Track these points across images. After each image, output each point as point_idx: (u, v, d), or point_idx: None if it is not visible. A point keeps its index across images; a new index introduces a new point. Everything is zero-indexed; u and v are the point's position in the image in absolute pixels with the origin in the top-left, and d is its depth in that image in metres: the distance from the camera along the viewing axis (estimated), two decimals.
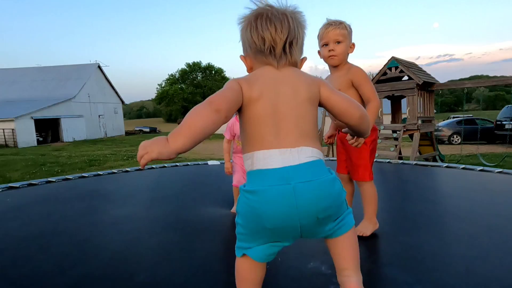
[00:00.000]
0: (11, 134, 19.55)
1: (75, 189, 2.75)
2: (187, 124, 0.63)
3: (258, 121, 0.74)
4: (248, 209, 0.71)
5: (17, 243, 1.53)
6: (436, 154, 8.12)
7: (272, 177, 0.69)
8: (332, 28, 1.33)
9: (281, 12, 0.78)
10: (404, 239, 1.46)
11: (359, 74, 1.33)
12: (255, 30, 0.76)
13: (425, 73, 7.97)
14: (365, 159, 1.42)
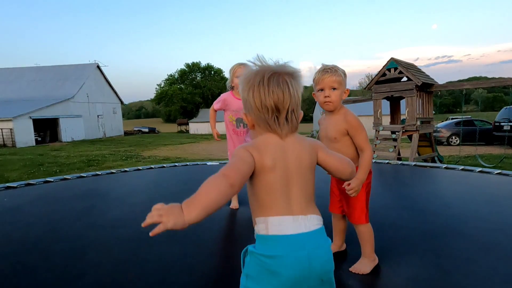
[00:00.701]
0: (9, 134, 19.47)
1: (73, 189, 2.73)
2: (203, 196, 0.65)
3: (271, 188, 0.78)
4: (265, 272, 0.75)
5: (15, 244, 1.52)
6: (435, 155, 8.13)
7: (289, 243, 0.75)
8: (328, 76, 1.38)
9: (282, 77, 0.79)
10: (404, 269, 1.42)
11: (354, 124, 1.40)
12: (258, 96, 0.78)
13: (424, 74, 7.99)
14: (362, 202, 1.45)
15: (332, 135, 1.42)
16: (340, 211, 1.54)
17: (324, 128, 1.47)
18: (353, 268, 1.43)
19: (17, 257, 1.41)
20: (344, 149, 1.41)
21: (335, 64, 1.43)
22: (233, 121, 2.01)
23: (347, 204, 1.47)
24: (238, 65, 1.99)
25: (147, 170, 3.64)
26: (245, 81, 0.81)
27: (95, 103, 26.96)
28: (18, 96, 24.44)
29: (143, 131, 35.65)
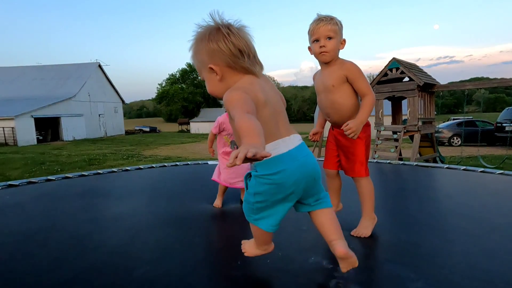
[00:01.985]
0: (11, 133, 19.54)
1: (75, 187, 2.73)
2: (252, 129, 0.72)
3: (265, 121, 0.88)
4: (272, 186, 0.93)
5: (15, 239, 1.52)
6: (436, 156, 8.12)
7: (286, 159, 0.92)
8: (323, 24, 1.31)
9: (240, 28, 0.91)
10: (405, 237, 1.45)
11: (353, 69, 1.33)
12: (231, 42, 0.87)
13: (426, 74, 7.97)
14: (361, 154, 1.41)
15: (329, 83, 1.35)
16: (335, 167, 1.50)
17: (320, 80, 1.40)
18: (355, 232, 1.41)
19: (17, 246, 1.44)
20: (343, 98, 1.35)
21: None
22: (228, 142, 2.08)
23: (346, 157, 1.44)
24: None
25: (148, 169, 3.64)
26: (210, 34, 0.88)
27: (96, 102, 27.02)
28: (20, 94, 24.51)
29: (144, 130, 35.71)
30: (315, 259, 1.22)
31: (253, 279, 1.14)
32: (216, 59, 0.88)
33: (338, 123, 1.41)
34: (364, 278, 1.11)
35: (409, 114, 7.26)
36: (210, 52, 0.88)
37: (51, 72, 27.29)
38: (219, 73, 0.90)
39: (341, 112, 1.38)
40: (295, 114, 68.62)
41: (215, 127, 2.06)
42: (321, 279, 1.10)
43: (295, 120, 65.79)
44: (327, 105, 1.41)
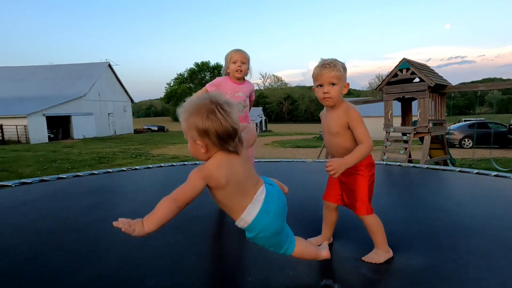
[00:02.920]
0: (23, 131, 19.99)
1: (85, 186, 2.78)
2: (157, 214, 0.89)
3: (230, 197, 1.01)
4: (263, 237, 1.07)
5: (30, 239, 1.55)
6: (447, 158, 7.97)
7: (261, 217, 1.03)
8: (326, 71, 1.36)
9: (227, 104, 0.95)
10: (416, 260, 1.39)
11: (354, 118, 1.38)
12: (222, 125, 0.92)
13: (437, 75, 7.83)
14: (363, 192, 1.41)
15: (334, 130, 1.41)
16: (335, 201, 1.51)
17: (326, 123, 1.47)
18: (367, 257, 1.40)
19: (31, 247, 1.46)
20: (347, 142, 1.40)
21: (336, 59, 1.39)
22: None
23: (349, 195, 1.45)
24: (235, 51, 2.01)
25: (157, 168, 3.68)
26: (206, 112, 0.92)
27: (106, 101, 27.42)
28: (32, 93, 25.05)
29: (152, 129, 36.07)
30: (326, 282, 1.20)
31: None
32: (205, 138, 0.94)
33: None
34: None
35: (419, 115, 7.15)
36: (201, 131, 0.93)
37: (62, 71, 27.81)
38: (204, 148, 0.96)
39: (344, 154, 1.40)
40: (302, 114, 68.36)
41: (211, 84, 2.01)
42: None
43: (302, 120, 65.54)
44: (331, 147, 1.47)
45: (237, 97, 2.00)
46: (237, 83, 2.03)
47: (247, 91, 2.07)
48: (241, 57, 1.99)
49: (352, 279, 1.27)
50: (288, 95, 70.30)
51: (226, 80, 2.02)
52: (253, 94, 2.19)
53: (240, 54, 2.00)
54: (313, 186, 2.87)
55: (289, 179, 3.21)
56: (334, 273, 1.29)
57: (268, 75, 77.56)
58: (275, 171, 3.49)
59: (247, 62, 2.02)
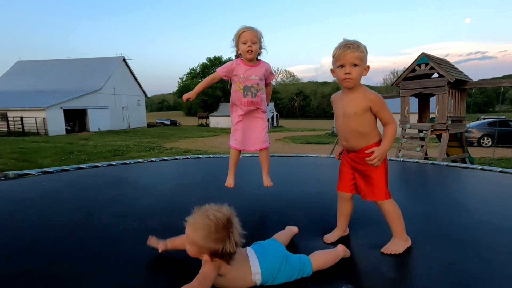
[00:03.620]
0: (42, 123, 20.64)
1: (104, 176, 2.84)
2: None
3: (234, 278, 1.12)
4: (273, 263, 1.18)
5: (55, 234, 1.57)
6: (465, 156, 7.73)
7: (262, 266, 1.15)
8: (350, 51, 1.31)
9: (231, 221, 1.07)
10: (440, 256, 1.35)
11: (378, 102, 1.36)
12: (231, 245, 1.05)
13: (457, 70, 7.57)
14: (380, 176, 1.39)
15: (351, 111, 1.37)
16: (350, 190, 1.48)
17: (342, 106, 1.41)
18: (386, 248, 1.36)
19: (55, 243, 1.48)
20: (362, 126, 1.37)
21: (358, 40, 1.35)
22: (240, 90, 1.85)
23: (364, 181, 1.42)
24: (244, 30, 1.80)
25: (172, 160, 3.73)
26: (208, 234, 1.00)
27: (120, 95, 27.93)
28: (50, 87, 25.77)
29: (165, 123, 36.55)
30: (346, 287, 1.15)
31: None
32: (215, 257, 1.02)
33: (354, 148, 1.43)
34: None
35: (437, 112, 6.94)
36: (214, 251, 1.00)
37: (79, 65, 28.45)
38: (208, 260, 1.03)
39: (359, 138, 1.39)
40: (314, 110, 67.66)
41: (222, 67, 1.86)
42: None
43: (314, 116, 64.89)
44: (345, 130, 1.42)
45: (249, 80, 1.84)
46: (249, 65, 1.85)
47: (261, 73, 1.87)
48: (251, 35, 1.78)
49: (372, 279, 1.22)
50: (300, 91, 69.64)
51: (238, 63, 1.86)
52: (271, 76, 1.96)
53: (250, 32, 1.79)
54: (328, 181, 2.83)
55: (304, 173, 3.18)
56: (353, 277, 1.24)
57: (280, 70, 77.02)
58: (288, 166, 3.47)
59: (258, 41, 1.82)
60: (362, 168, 1.42)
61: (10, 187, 2.41)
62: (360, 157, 1.41)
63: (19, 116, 20.16)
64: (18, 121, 20.08)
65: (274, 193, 2.07)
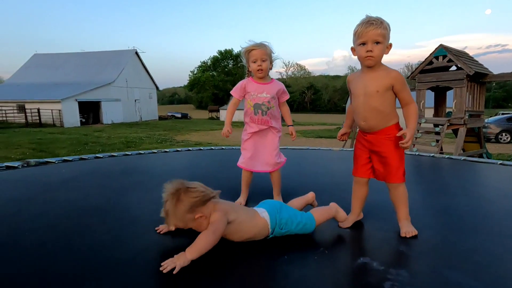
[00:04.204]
0: (58, 115, 21.18)
1: (120, 165, 2.91)
2: (199, 245, 1.12)
3: (240, 222, 1.27)
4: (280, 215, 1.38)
5: (77, 213, 1.64)
6: (482, 152, 7.52)
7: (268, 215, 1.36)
8: (372, 28, 1.27)
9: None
10: (460, 242, 1.34)
11: (400, 79, 1.33)
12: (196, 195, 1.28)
13: (477, 63, 7.31)
14: (399, 159, 1.38)
15: (373, 89, 1.34)
16: (366, 175, 1.47)
17: (362, 84, 1.37)
18: (406, 232, 1.37)
19: (79, 220, 1.55)
20: (384, 104, 1.34)
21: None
22: (251, 107, 1.82)
23: (382, 163, 1.40)
24: (253, 48, 1.75)
25: (185, 151, 3.77)
26: (175, 204, 1.20)
27: (133, 88, 28.30)
28: (66, 80, 26.34)
29: (176, 116, 36.92)
30: (363, 260, 1.17)
31: (300, 275, 1.08)
32: (201, 206, 1.20)
33: (373, 129, 1.40)
34: (419, 283, 1.04)
35: (455, 105, 6.75)
36: (193, 205, 1.18)
37: (93, 58, 28.91)
38: (204, 217, 1.20)
39: (379, 118, 1.37)
40: (325, 104, 66.88)
41: (234, 90, 1.82)
42: (374, 279, 1.05)
43: (325, 110, 64.17)
44: (366, 109, 1.38)
45: (260, 98, 1.80)
46: (260, 83, 1.81)
47: (273, 91, 1.82)
48: (260, 54, 1.73)
49: (391, 257, 1.24)
50: (311, 85, 68.86)
51: (249, 81, 1.83)
52: (284, 95, 1.90)
53: (259, 51, 1.73)
54: (341, 174, 2.82)
55: (316, 166, 3.17)
56: (370, 251, 1.27)
57: (291, 64, 76.16)
58: (302, 158, 3.46)
59: (268, 57, 1.77)
60: (380, 150, 1.39)
61: (32, 173, 2.50)
62: (378, 139, 1.39)
63: (36, 108, 20.75)
64: (35, 113, 20.67)
65: (287, 184, 2.08)
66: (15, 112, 21.13)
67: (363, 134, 1.46)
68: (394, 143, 1.37)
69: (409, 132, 1.30)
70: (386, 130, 1.37)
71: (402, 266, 1.15)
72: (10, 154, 8.90)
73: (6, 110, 20.97)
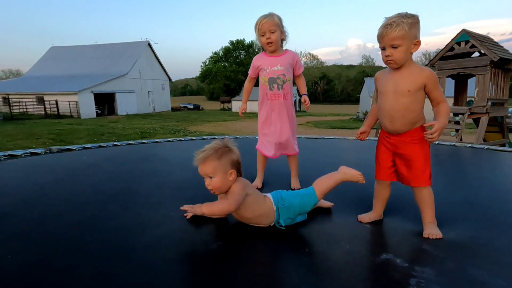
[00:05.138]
0: (75, 106, 21.73)
1: (138, 152, 2.96)
2: (215, 208, 1.30)
3: (253, 201, 1.36)
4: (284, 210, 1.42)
5: (100, 198, 1.69)
6: (505, 142, 7.22)
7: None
8: (387, 32, 1.24)
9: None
10: (485, 240, 1.30)
11: (433, 79, 1.28)
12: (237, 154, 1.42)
13: (502, 48, 6.95)
14: (424, 162, 1.33)
15: (405, 88, 1.29)
16: (389, 178, 1.42)
17: (392, 82, 1.32)
18: (429, 234, 1.32)
19: (101, 205, 1.58)
20: (414, 104, 1.29)
21: (405, 13, 1.24)
22: (265, 82, 1.77)
23: (407, 166, 1.35)
24: (260, 20, 1.69)
25: (200, 140, 3.80)
26: (219, 153, 1.32)
27: (146, 79, 28.60)
28: (81, 72, 26.87)
29: (188, 107, 37.17)
30: (386, 256, 1.15)
31: (323, 268, 1.08)
32: (236, 168, 1.32)
33: (399, 131, 1.34)
34: (445, 281, 1.01)
35: (477, 94, 6.48)
36: (232, 163, 1.31)
37: (107, 50, 29.30)
38: (233, 175, 1.31)
39: (406, 120, 1.31)
40: (339, 95, 65.68)
41: (250, 69, 1.81)
42: (398, 276, 1.02)
43: (338, 101, 63.09)
44: (395, 108, 1.32)
45: (274, 71, 1.74)
46: (273, 56, 1.76)
47: (287, 63, 1.76)
48: (268, 25, 1.67)
49: (414, 255, 1.21)
50: (324, 75, 67.61)
51: (262, 56, 1.80)
52: (298, 66, 1.82)
53: (266, 23, 1.67)
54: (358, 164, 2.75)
55: (332, 156, 3.12)
56: (392, 247, 1.24)
57: (303, 53, 74.85)
58: (317, 147, 3.42)
59: (277, 28, 1.69)
60: (405, 153, 1.35)
61: (55, 159, 2.59)
62: (403, 141, 1.34)
63: (54, 100, 21.34)
64: (54, 104, 21.28)
65: (303, 173, 2.06)
66: (35, 104, 21.81)
67: (386, 136, 1.41)
68: (419, 146, 1.32)
69: (437, 124, 1.23)
70: (412, 133, 1.32)
71: (426, 263, 1.11)
72: (32, 144, 9.23)
73: (26, 102, 21.66)
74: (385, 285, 0.99)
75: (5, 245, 1.17)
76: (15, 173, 2.15)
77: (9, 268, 1.01)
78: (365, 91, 29.43)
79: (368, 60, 75.92)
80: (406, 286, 0.96)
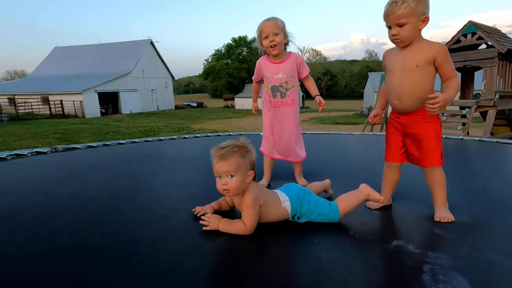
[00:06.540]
0: (79, 106, 21.88)
1: (143, 151, 2.96)
2: (232, 227, 1.21)
3: (268, 205, 1.29)
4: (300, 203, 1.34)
5: (106, 195, 1.69)
6: None
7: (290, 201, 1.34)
8: (392, 10, 1.19)
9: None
10: (501, 225, 1.27)
11: (444, 52, 1.22)
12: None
13: (510, 40, 6.81)
14: (435, 141, 1.29)
15: (413, 63, 1.24)
16: (399, 159, 1.39)
17: (401, 59, 1.28)
18: (440, 217, 1.30)
19: (108, 201, 1.58)
20: (422, 81, 1.25)
21: None
22: (268, 90, 1.74)
23: (417, 146, 1.32)
24: (263, 23, 1.65)
25: (204, 137, 3.79)
26: (240, 153, 1.25)
27: (149, 78, 28.65)
28: (85, 71, 27.02)
29: (192, 105, 37.22)
30: (398, 243, 1.13)
31: (332, 257, 1.06)
32: (253, 169, 1.27)
33: (408, 109, 1.30)
34: (462, 265, 0.98)
35: (484, 86, 6.37)
36: (251, 162, 1.26)
37: (110, 49, 29.38)
38: (250, 177, 1.25)
39: (415, 97, 1.27)
40: (342, 90, 65.25)
41: (255, 72, 1.82)
42: (411, 264, 1.00)
43: (342, 96, 62.67)
44: (403, 85, 1.28)
45: (277, 79, 1.70)
46: (275, 62, 1.71)
47: (289, 69, 1.70)
48: (271, 28, 1.62)
49: (427, 240, 1.19)
50: (327, 70, 67.19)
51: (265, 61, 1.75)
52: (302, 69, 1.76)
53: (270, 25, 1.62)
54: (364, 157, 2.74)
55: (339, 150, 3.10)
56: (404, 234, 1.22)
57: (306, 49, 74.29)
58: (323, 142, 3.39)
59: (280, 31, 1.64)
60: (415, 133, 1.32)
61: (61, 158, 2.60)
62: (413, 120, 1.31)
63: (59, 99, 21.50)
64: (59, 104, 21.43)
65: (308, 168, 2.04)
66: (40, 104, 21.99)
67: (395, 116, 1.38)
68: (430, 124, 1.29)
69: (442, 96, 1.12)
70: (422, 111, 1.28)
71: (440, 249, 1.09)
72: (37, 144, 9.32)
73: (32, 102, 21.85)
74: (397, 273, 0.96)
75: (12, 240, 1.17)
76: (22, 172, 2.17)
77: (16, 262, 1.01)
78: (369, 86, 29.15)
79: (372, 55, 75.18)
80: (420, 274, 0.94)
